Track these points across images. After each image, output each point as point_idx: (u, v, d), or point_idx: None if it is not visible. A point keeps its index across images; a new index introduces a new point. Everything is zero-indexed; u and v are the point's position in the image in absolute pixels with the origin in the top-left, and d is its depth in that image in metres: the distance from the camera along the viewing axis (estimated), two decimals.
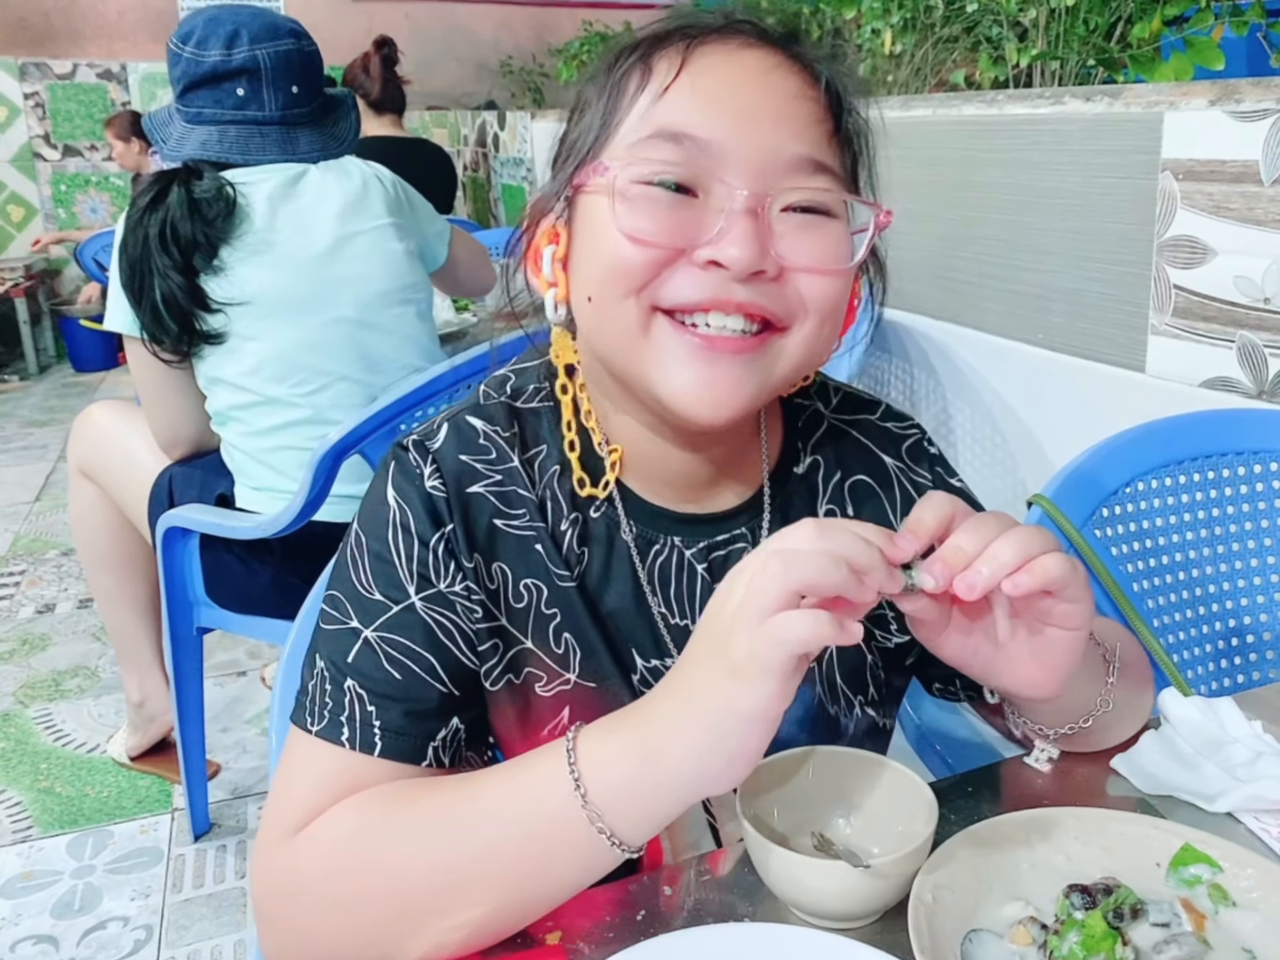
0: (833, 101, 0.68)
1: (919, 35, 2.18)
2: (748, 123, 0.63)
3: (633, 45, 0.68)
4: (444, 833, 0.60)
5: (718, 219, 0.62)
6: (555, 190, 0.70)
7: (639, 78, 0.66)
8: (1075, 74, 1.82)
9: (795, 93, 0.66)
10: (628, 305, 0.64)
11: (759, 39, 0.67)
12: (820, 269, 0.65)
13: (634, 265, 0.63)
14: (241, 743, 2.22)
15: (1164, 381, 1.52)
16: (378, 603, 0.68)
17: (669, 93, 0.64)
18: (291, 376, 1.67)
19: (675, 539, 0.74)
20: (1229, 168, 1.36)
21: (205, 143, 1.66)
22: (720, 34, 0.66)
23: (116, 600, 1.95)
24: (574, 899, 0.60)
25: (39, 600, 2.96)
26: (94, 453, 1.86)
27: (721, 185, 0.63)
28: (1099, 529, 1.13)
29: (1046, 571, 0.57)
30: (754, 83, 0.65)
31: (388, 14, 6.03)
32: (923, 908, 0.56)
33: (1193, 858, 0.60)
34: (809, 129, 0.66)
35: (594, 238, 0.66)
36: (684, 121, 0.63)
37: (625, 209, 0.63)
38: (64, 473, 3.89)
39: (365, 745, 0.66)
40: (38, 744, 2.25)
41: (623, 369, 0.68)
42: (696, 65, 0.65)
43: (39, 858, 1.89)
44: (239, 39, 1.65)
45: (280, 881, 0.64)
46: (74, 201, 5.95)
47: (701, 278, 0.63)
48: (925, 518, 0.59)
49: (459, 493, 0.71)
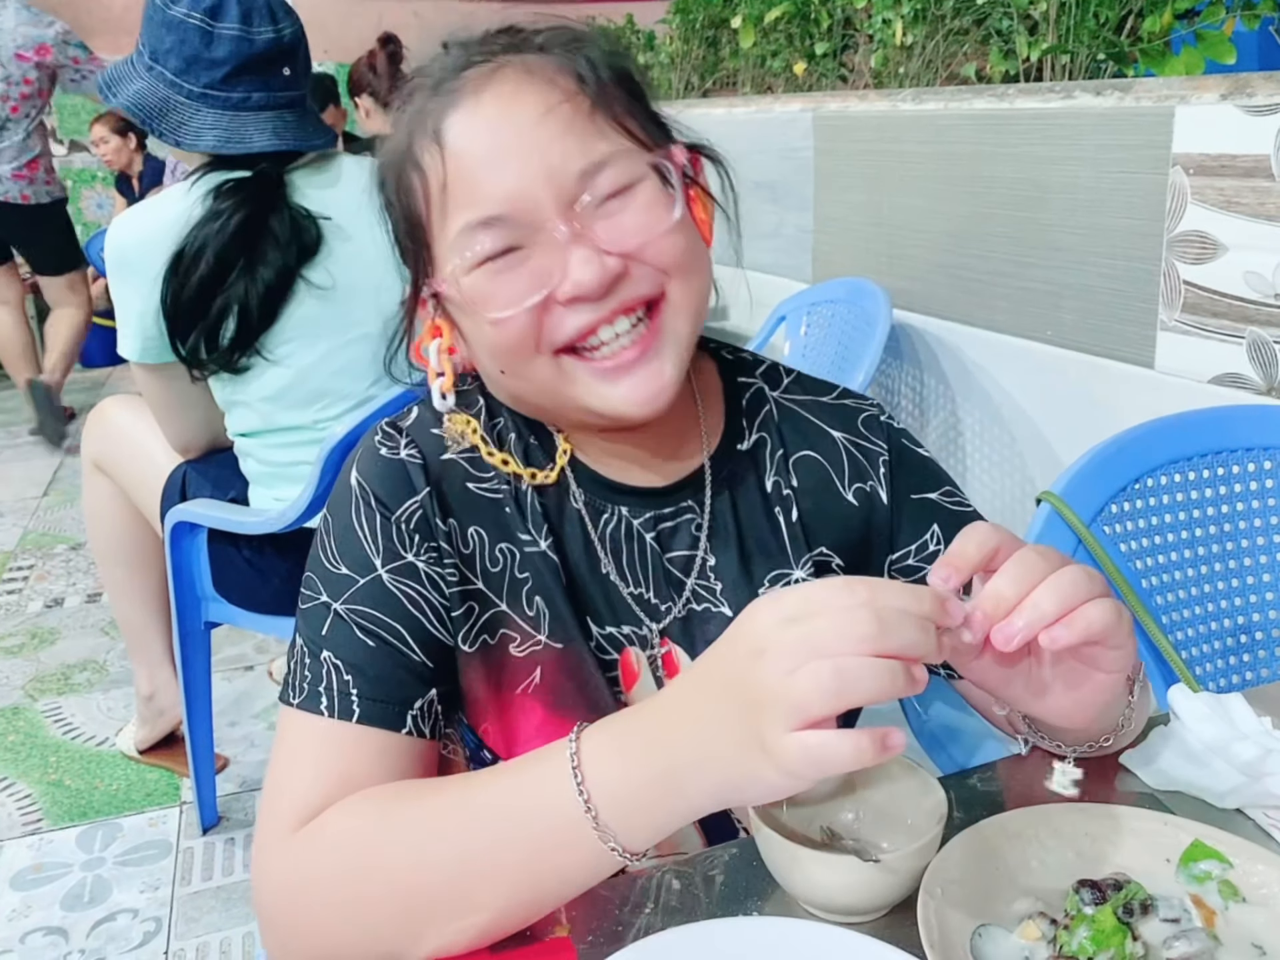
0: (587, 76, 0.68)
1: (929, 27, 2.17)
2: (531, 167, 0.65)
3: (393, 148, 0.71)
4: (447, 839, 0.59)
5: (553, 258, 0.66)
6: (419, 294, 0.74)
7: (416, 182, 0.69)
8: (1086, 68, 1.82)
9: (554, 102, 0.67)
10: (536, 362, 0.69)
11: (489, 70, 0.68)
12: (654, 237, 0.67)
13: (518, 337, 0.67)
14: (249, 736, 2.23)
15: (1173, 378, 1.52)
16: (344, 577, 0.71)
17: (448, 186, 0.67)
18: (316, 403, 1.60)
19: (623, 509, 0.76)
20: (1240, 162, 1.36)
21: (276, 130, 1.51)
22: (456, 84, 0.68)
23: (128, 594, 1.95)
24: (583, 893, 0.60)
25: (47, 595, 2.97)
26: (108, 447, 1.86)
27: (539, 231, 0.66)
28: (1108, 525, 1.13)
29: (1089, 624, 0.55)
30: (513, 123, 0.66)
31: (396, 12, 6.03)
32: (932, 902, 0.56)
33: (1203, 853, 0.60)
34: (583, 130, 0.67)
35: (475, 327, 0.70)
36: (477, 207, 0.66)
37: (483, 301, 0.67)
38: (71, 468, 3.92)
39: (344, 713, 0.67)
40: (47, 737, 2.26)
41: (555, 408, 0.73)
42: (455, 140, 0.67)
43: (49, 850, 1.90)
44: (277, 15, 1.50)
45: (281, 882, 0.63)
46: (80, 197, 5.96)
47: (575, 314, 0.67)
48: (969, 550, 0.57)
49: (435, 459, 0.74)
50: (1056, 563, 0.56)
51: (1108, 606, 0.55)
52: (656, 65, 3.73)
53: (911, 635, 0.50)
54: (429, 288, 0.71)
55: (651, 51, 3.79)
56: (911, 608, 0.51)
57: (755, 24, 2.95)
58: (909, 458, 0.82)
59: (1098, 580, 0.57)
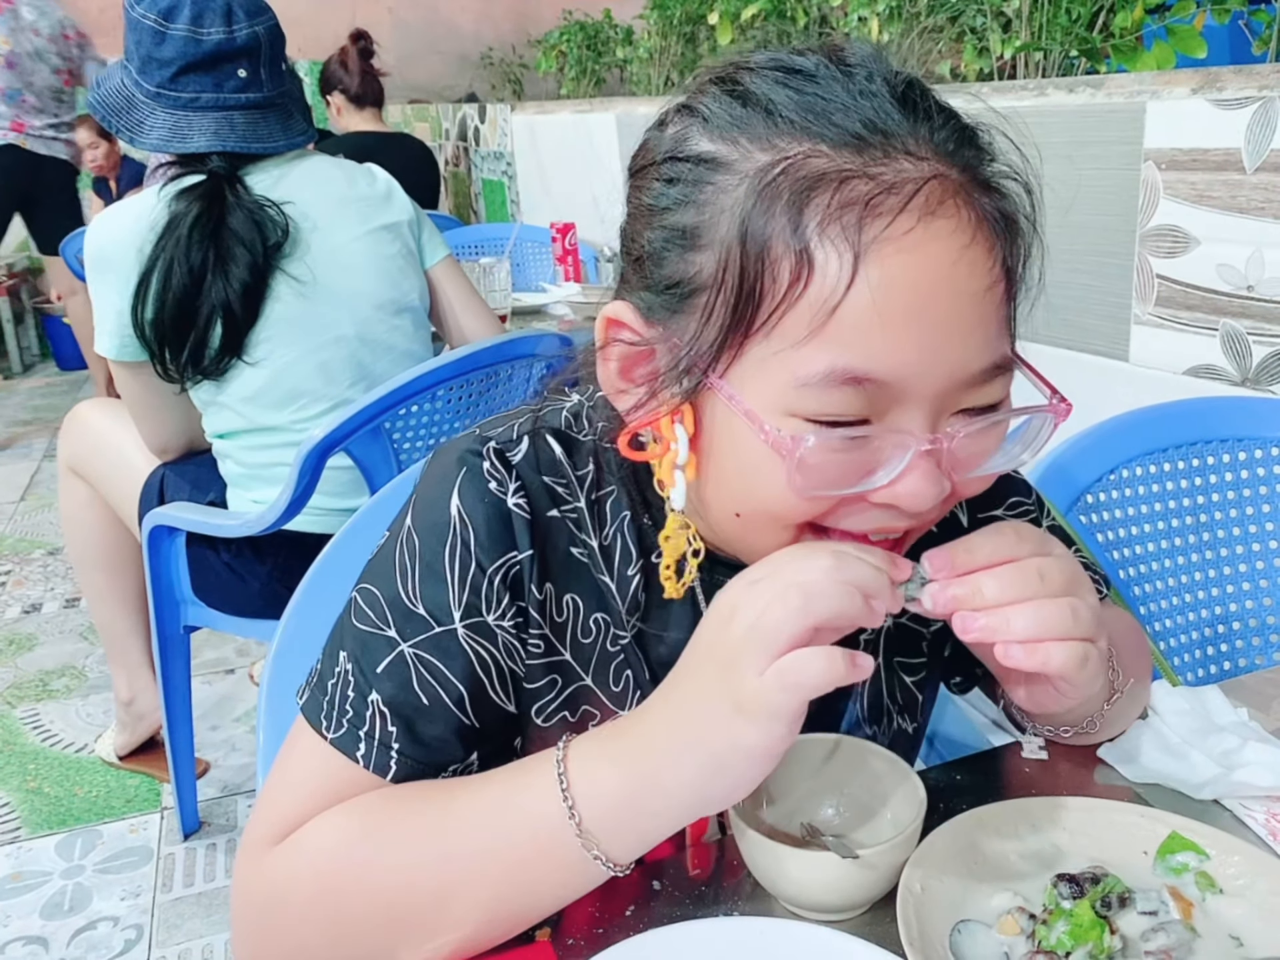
0: (1013, 259, 0.57)
1: (904, 25, 2.17)
2: (938, 347, 0.53)
3: (766, 187, 0.53)
4: (431, 850, 0.58)
5: (896, 458, 0.54)
6: (674, 361, 0.57)
7: (794, 264, 0.52)
8: (1059, 64, 1.82)
9: (986, 284, 0.54)
10: (788, 532, 0.59)
11: (940, 191, 0.53)
12: (985, 477, 0.59)
13: (805, 513, 0.57)
14: (230, 740, 2.22)
15: (1148, 370, 1.53)
16: (420, 618, 0.64)
17: (838, 311, 0.52)
18: (292, 403, 1.60)
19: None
20: (1211, 156, 1.37)
21: (218, 132, 1.51)
22: (896, 193, 0.52)
23: (106, 598, 1.94)
24: None
25: (25, 600, 2.94)
26: (84, 451, 1.85)
27: (901, 423, 0.54)
28: (1084, 515, 1.13)
29: (1046, 661, 0.54)
30: (945, 287, 0.53)
31: (370, 8, 5.99)
32: (911, 899, 0.56)
33: (1180, 845, 0.61)
34: (995, 327, 0.55)
35: (747, 468, 0.57)
36: (867, 360, 0.52)
37: (797, 472, 0.54)
38: (49, 472, 3.88)
39: (380, 768, 0.63)
40: (25, 744, 2.24)
41: (745, 553, 0.63)
42: (875, 266, 0.51)
43: (28, 858, 1.88)
44: (235, 14, 1.50)
45: (263, 889, 0.62)
46: None
47: (872, 513, 0.57)
48: (978, 551, 0.56)
49: (542, 515, 0.66)
50: (1055, 589, 0.55)
51: (1073, 652, 0.55)
52: (635, 60, 3.72)
53: (865, 570, 0.53)
54: (693, 368, 0.56)
55: (630, 47, 3.79)
56: (861, 553, 0.55)
57: (732, 20, 2.94)
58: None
59: (1084, 620, 0.55)
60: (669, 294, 0.58)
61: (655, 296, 0.59)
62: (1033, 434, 0.60)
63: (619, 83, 4.10)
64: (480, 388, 1.62)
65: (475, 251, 3.19)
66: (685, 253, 0.56)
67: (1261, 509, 1.11)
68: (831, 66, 0.55)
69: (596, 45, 4.08)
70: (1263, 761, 0.68)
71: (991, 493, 0.76)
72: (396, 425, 1.54)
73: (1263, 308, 1.35)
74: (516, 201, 4.30)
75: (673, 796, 0.55)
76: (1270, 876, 0.58)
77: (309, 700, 0.65)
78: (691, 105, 0.58)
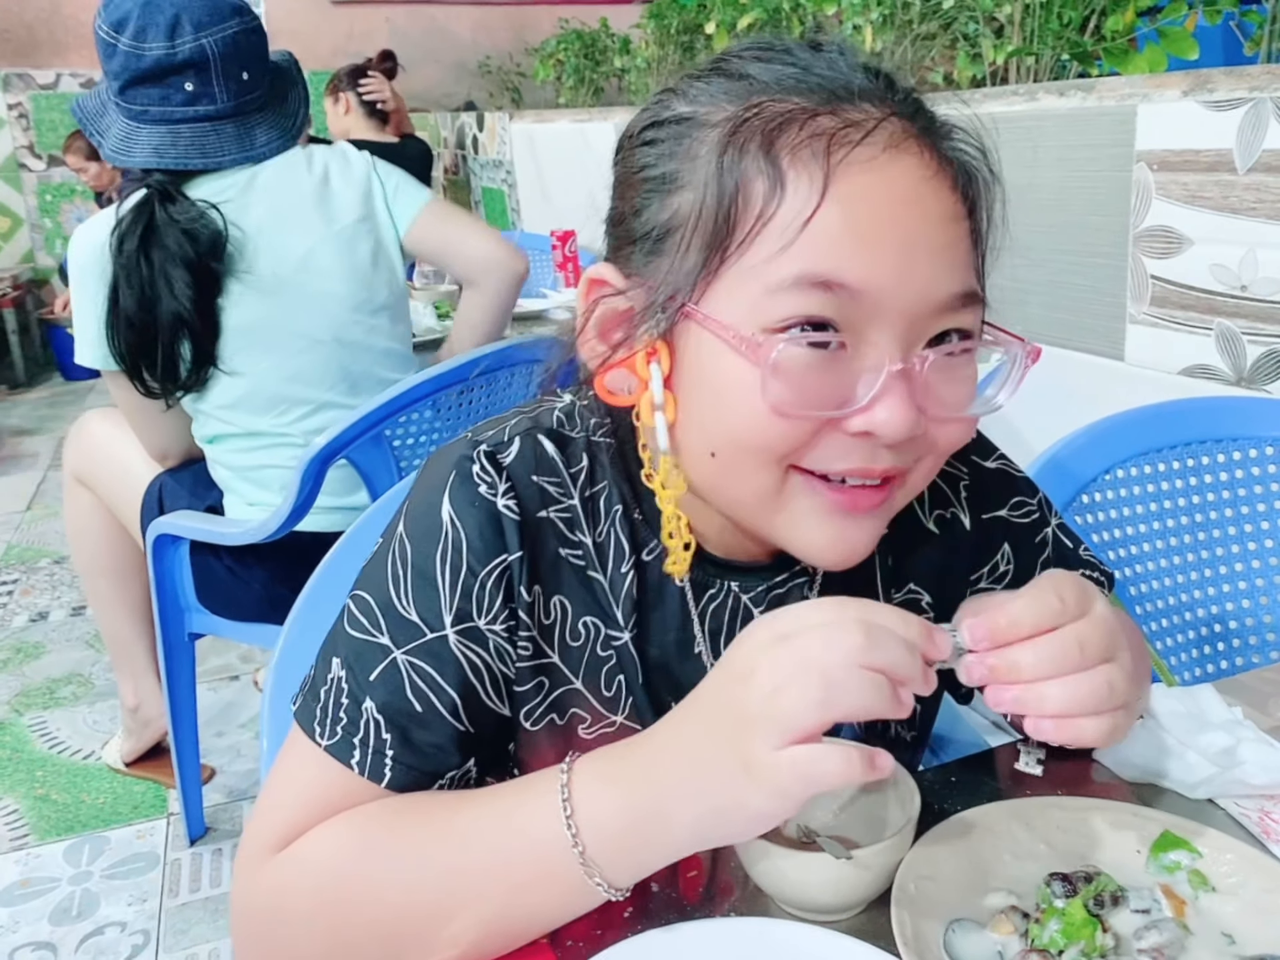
0: (971, 200, 0.60)
1: (898, 32, 2.19)
2: (906, 263, 0.55)
3: (741, 126, 0.56)
4: (431, 867, 0.58)
5: (869, 380, 0.56)
6: (650, 299, 0.59)
7: (766, 187, 0.55)
8: (1051, 69, 1.83)
9: (949, 213, 0.57)
10: (764, 472, 0.59)
11: (902, 131, 0.57)
12: (961, 418, 0.60)
13: (779, 440, 0.57)
14: (236, 746, 2.23)
15: (1144, 370, 1.54)
16: (413, 624, 0.64)
17: (811, 224, 0.54)
18: (274, 409, 1.62)
19: (732, 584, 0.70)
20: (1203, 157, 1.37)
21: (159, 148, 1.51)
22: (861, 128, 0.55)
23: (112, 606, 1.95)
24: None
25: (32, 609, 2.95)
26: (88, 460, 1.86)
27: (874, 343, 0.56)
28: (1079, 516, 1.14)
29: (1078, 736, 0.54)
30: (910, 209, 0.56)
31: (368, 18, 6.01)
32: (905, 899, 0.56)
33: (1172, 844, 0.61)
34: (962, 255, 0.58)
35: (721, 393, 0.58)
36: (837, 267, 0.54)
37: (772, 379, 0.55)
38: (55, 481, 3.90)
39: (374, 774, 0.63)
40: (33, 751, 2.25)
41: (743, 518, 0.63)
42: (843, 184, 0.54)
43: (36, 865, 1.89)
44: (181, 28, 1.48)
45: (262, 901, 0.62)
46: (59, 211, 5.93)
47: (850, 445, 0.58)
48: (1023, 623, 0.54)
49: (532, 516, 0.66)
50: (1092, 660, 0.54)
51: (1105, 725, 0.54)
52: (633, 70, 3.74)
53: (898, 653, 0.51)
54: (669, 301, 0.58)
55: (628, 56, 3.80)
56: (899, 630, 0.52)
57: (729, 30, 2.96)
58: (984, 475, 0.78)
59: (1119, 691, 0.54)
60: (645, 239, 0.60)
61: (633, 247, 0.61)
62: (1005, 376, 0.61)
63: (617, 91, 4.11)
64: (482, 394, 1.63)
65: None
66: (664, 198, 0.59)
67: (1257, 508, 1.12)
68: (804, 45, 0.60)
69: (594, 54, 4.10)
70: (1256, 760, 0.68)
71: (995, 493, 0.78)
72: (397, 432, 1.55)
73: (1257, 307, 1.35)
74: (517, 209, 4.32)
75: (674, 833, 0.56)
76: (1262, 875, 0.59)
77: (302, 707, 0.65)
78: (671, 87, 0.62)
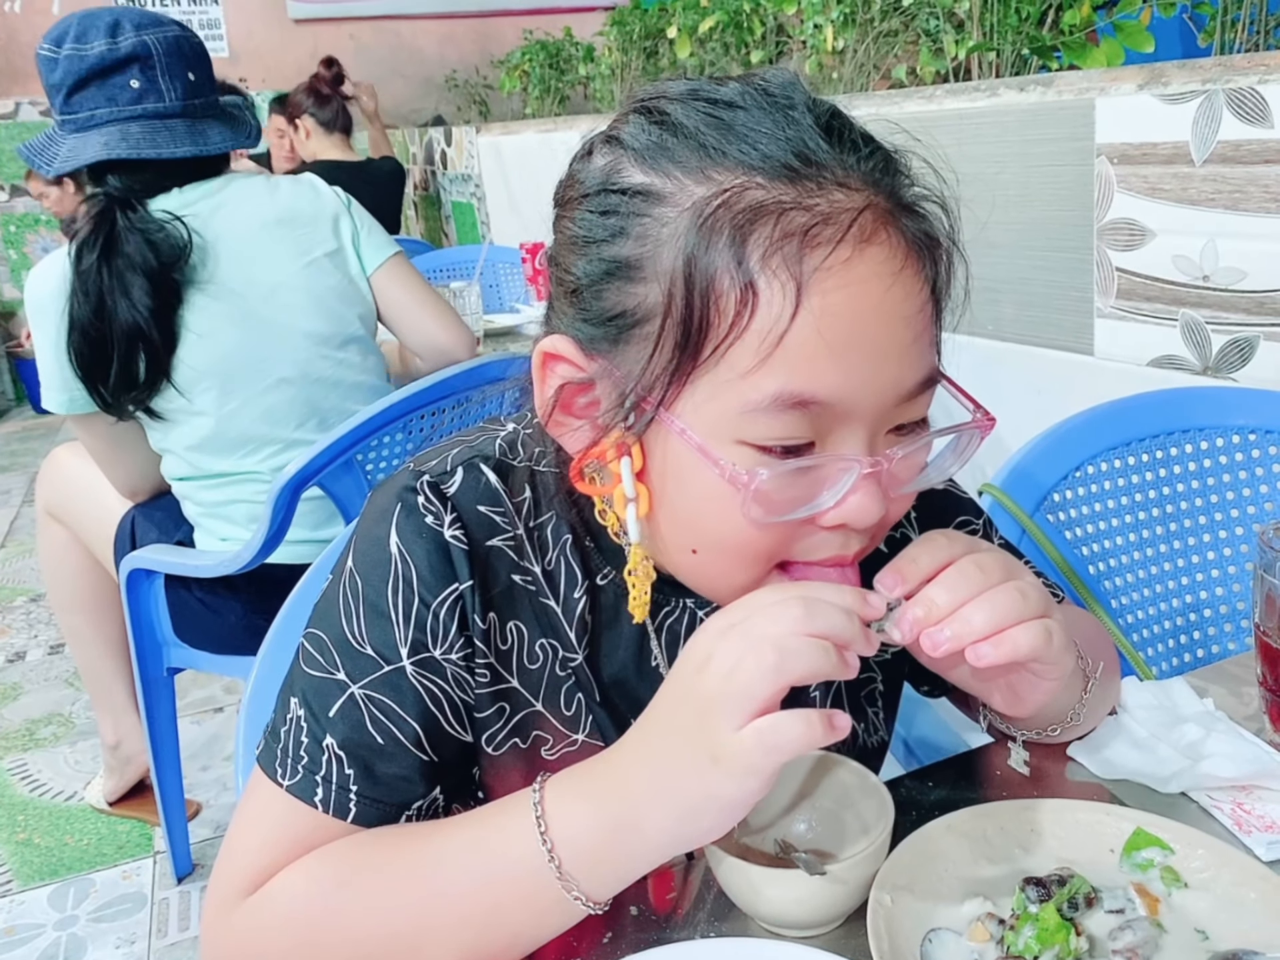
0: (941, 277, 0.59)
1: (860, 30, 2.19)
2: (876, 369, 0.55)
3: (707, 219, 0.54)
4: (408, 895, 0.58)
5: (841, 479, 0.56)
6: (619, 392, 0.58)
7: (738, 295, 0.53)
8: (1011, 64, 1.84)
9: (916, 307, 0.56)
10: (749, 570, 0.60)
11: (872, 220, 0.55)
12: (913, 493, 0.61)
13: (761, 543, 0.58)
14: (222, 780, 2.20)
15: (1113, 363, 1.54)
16: (368, 658, 0.64)
17: (785, 340, 0.53)
18: (241, 449, 1.60)
19: (688, 600, 0.71)
20: (1161, 150, 1.38)
21: (108, 143, 1.47)
22: (833, 224, 0.53)
23: (88, 642, 1.93)
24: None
25: (9, 649, 2.92)
26: (61, 495, 1.85)
27: (843, 441, 0.56)
28: (1051, 514, 1.14)
29: (1015, 648, 0.55)
30: (880, 315, 0.55)
31: (332, 35, 6.00)
32: (882, 911, 0.56)
33: (1145, 841, 0.61)
34: (926, 343, 0.58)
35: (700, 501, 0.58)
36: (811, 383, 0.54)
37: (753, 502, 0.55)
38: (28, 518, 3.86)
39: (339, 811, 0.62)
40: (14, 795, 2.22)
41: (718, 599, 0.64)
42: (816, 295, 0.53)
43: (20, 911, 1.86)
44: (122, 27, 1.47)
45: (235, 945, 0.62)
46: (24, 242, 5.87)
47: (825, 536, 0.59)
48: (920, 561, 0.57)
49: (480, 545, 0.66)
50: (996, 577, 0.57)
51: (1037, 630, 0.56)
52: (598, 77, 3.74)
53: (837, 618, 0.53)
54: (643, 403, 0.57)
55: (592, 64, 3.81)
56: (834, 599, 0.54)
57: (690, 34, 2.96)
58: (933, 496, 0.78)
59: (1034, 600, 0.57)
60: (610, 325, 0.58)
61: (595, 329, 0.59)
62: (962, 446, 0.62)
63: (583, 100, 4.11)
64: (453, 414, 1.62)
65: (447, 275, 3.20)
66: (626, 285, 0.57)
67: (1226, 496, 1.12)
68: (754, 94, 0.56)
69: (559, 63, 4.10)
70: (1225, 752, 0.69)
71: (941, 513, 0.79)
72: (369, 457, 1.54)
73: (1219, 297, 1.36)
74: (486, 223, 4.31)
75: (649, 839, 0.55)
76: (1233, 868, 0.59)
77: (265, 750, 0.65)
78: (618, 135, 0.59)
